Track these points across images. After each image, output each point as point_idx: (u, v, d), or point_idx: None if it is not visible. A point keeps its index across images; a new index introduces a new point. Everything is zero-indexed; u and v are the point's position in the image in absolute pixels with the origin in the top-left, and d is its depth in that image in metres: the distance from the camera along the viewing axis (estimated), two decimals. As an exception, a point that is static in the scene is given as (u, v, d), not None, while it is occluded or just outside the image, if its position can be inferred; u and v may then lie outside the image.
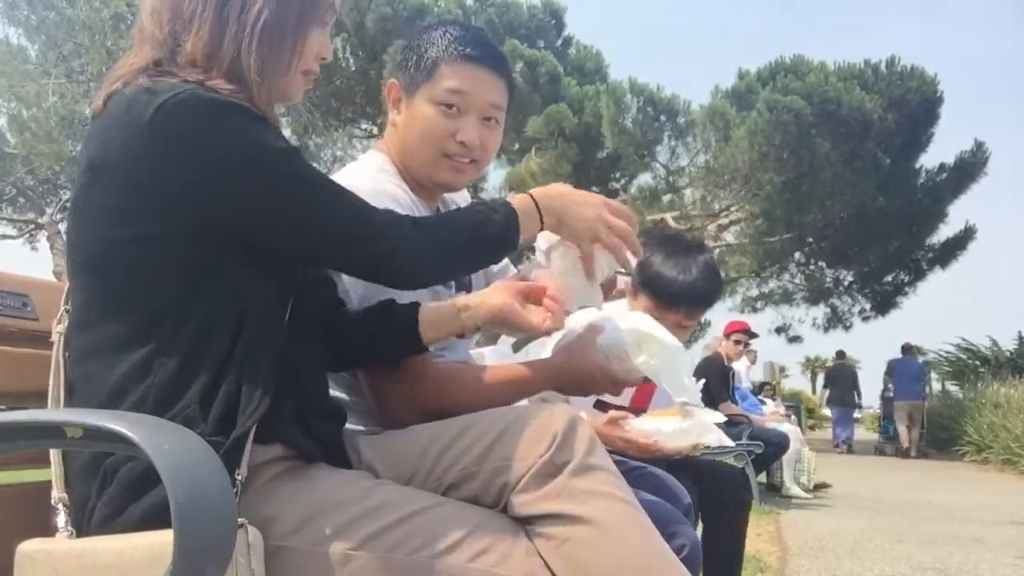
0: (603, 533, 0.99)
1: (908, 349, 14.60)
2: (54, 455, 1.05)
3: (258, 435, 1.01)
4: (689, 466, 2.35)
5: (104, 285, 1.05)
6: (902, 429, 14.05)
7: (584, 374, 1.38)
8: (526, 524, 1.03)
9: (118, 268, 1.04)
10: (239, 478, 0.96)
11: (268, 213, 1.03)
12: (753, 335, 7.43)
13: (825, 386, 16.75)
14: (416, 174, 1.51)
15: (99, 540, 0.94)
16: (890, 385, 14.50)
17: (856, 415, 17.74)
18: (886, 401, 15.00)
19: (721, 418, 2.21)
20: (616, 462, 1.10)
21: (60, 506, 1.02)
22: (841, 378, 15.45)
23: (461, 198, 1.72)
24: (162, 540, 0.86)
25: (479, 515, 1.03)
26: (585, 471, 1.03)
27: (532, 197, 1.30)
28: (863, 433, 18.02)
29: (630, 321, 1.50)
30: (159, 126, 0.98)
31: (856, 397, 15.74)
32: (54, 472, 1.04)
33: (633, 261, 1.40)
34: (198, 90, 1.01)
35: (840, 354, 16.50)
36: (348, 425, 1.23)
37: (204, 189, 1.00)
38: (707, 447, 2.14)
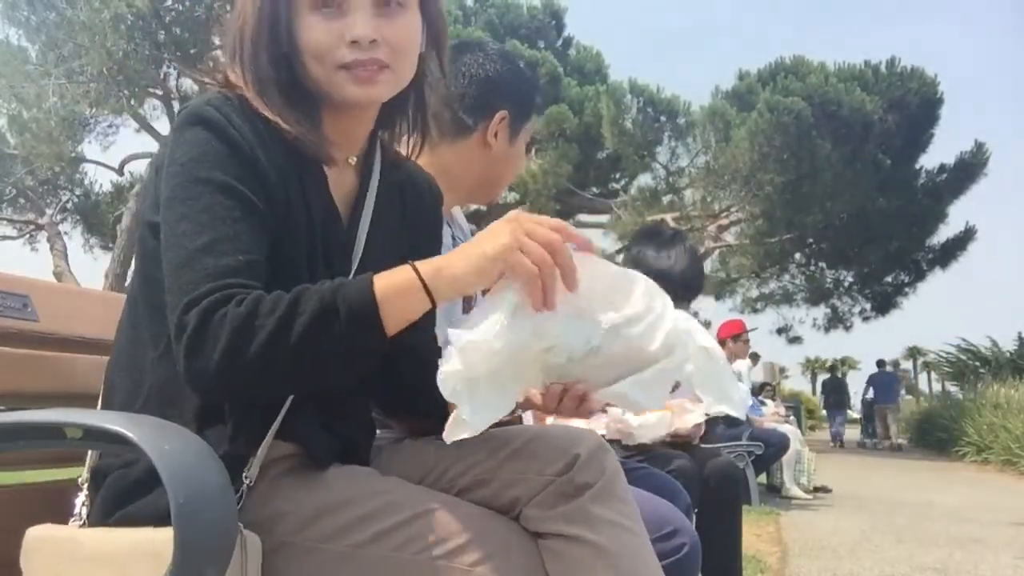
0: (611, 564, 0.99)
1: (882, 363, 18.14)
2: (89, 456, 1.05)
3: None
4: (692, 452, 2.39)
5: (138, 278, 1.08)
6: (880, 427, 17.36)
7: None
8: (538, 537, 1.03)
9: (146, 255, 1.05)
10: (247, 481, 0.97)
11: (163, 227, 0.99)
12: (752, 329, 7.46)
13: (823, 393, 20.65)
14: (480, 195, 1.71)
15: (104, 531, 0.95)
16: (871, 392, 17.83)
17: (855, 415, 22.34)
18: (866, 405, 18.49)
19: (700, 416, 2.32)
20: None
21: (85, 487, 1.03)
22: (835, 388, 19.34)
23: (462, 220, 1.78)
24: (162, 537, 0.86)
25: (489, 520, 1.02)
26: (605, 498, 1.02)
27: (418, 273, 0.93)
28: (855, 434, 19.78)
29: None
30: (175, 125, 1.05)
31: (848, 400, 20.06)
32: (89, 454, 1.05)
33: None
34: (206, 105, 1.02)
35: (832, 368, 22.02)
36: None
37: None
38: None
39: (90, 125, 14.78)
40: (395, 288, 0.92)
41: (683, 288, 2.27)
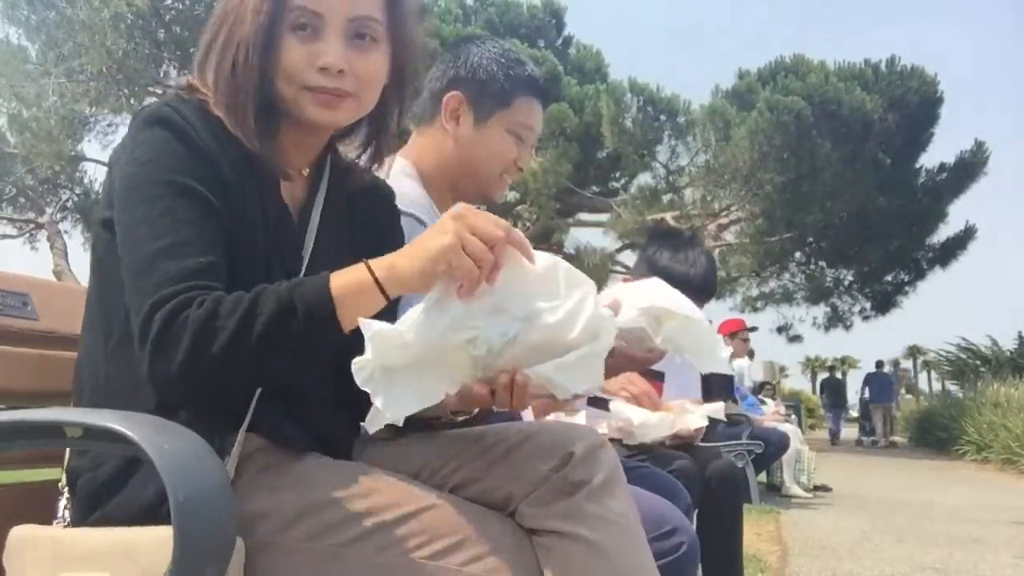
0: (606, 562, 0.99)
1: (880, 364, 20.01)
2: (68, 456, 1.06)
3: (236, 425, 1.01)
4: (694, 452, 2.39)
5: (92, 274, 1.09)
6: (878, 425, 18.70)
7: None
8: (532, 534, 1.03)
9: (99, 251, 1.07)
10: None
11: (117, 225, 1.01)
12: (752, 329, 7.44)
13: (821, 394, 22.63)
14: (465, 187, 1.64)
15: (85, 531, 0.95)
16: (867, 392, 19.29)
17: (853, 414, 24.44)
18: (863, 404, 20.03)
19: (703, 419, 2.33)
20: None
21: (65, 491, 1.03)
22: (832, 388, 21.09)
23: None
24: (142, 536, 0.87)
25: (482, 518, 1.02)
26: (601, 496, 1.02)
27: (371, 271, 0.96)
28: (853, 432, 20.83)
29: (645, 297, 1.42)
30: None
31: (845, 399, 22.28)
32: (67, 457, 1.05)
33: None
34: (165, 106, 1.04)
35: (831, 369, 24.89)
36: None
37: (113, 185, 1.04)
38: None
39: (90, 124, 14.76)
40: (350, 286, 0.95)
41: (700, 292, 2.26)
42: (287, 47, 1.06)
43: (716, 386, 6.22)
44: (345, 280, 0.95)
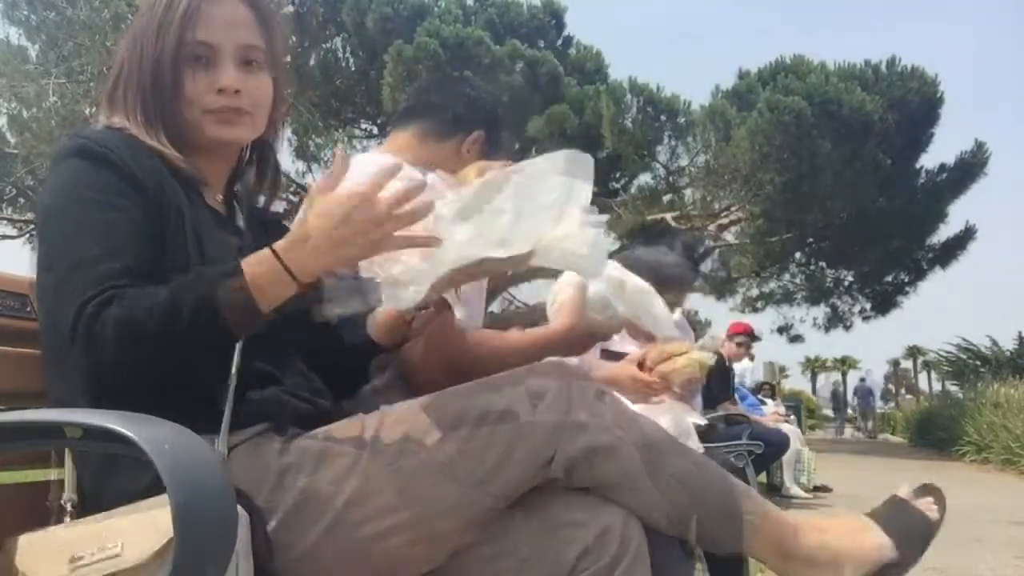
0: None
1: (864, 379, 27.49)
2: (68, 456, 1.06)
3: (244, 417, 1.04)
4: None
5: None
6: (863, 424, 25.05)
7: (585, 330, 1.65)
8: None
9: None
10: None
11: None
12: (756, 338, 7.37)
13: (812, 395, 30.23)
14: None
15: (90, 520, 0.95)
16: (856, 398, 25.57)
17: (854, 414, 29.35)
18: (853, 408, 26.42)
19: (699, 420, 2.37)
20: None
21: (68, 506, 1.04)
22: (834, 397, 27.85)
23: None
24: (150, 503, 0.88)
25: (508, 515, 1.03)
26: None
27: (275, 253, 1.00)
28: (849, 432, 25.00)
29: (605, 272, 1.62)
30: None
31: (845, 405, 29.17)
32: (67, 472, 1.05)
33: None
34: (77, 137, 1.13)
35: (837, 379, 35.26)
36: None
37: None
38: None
39: (90, 124, 14.76)
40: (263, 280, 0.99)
41: (675, 279, 2.35)
42: (187, 77, 1.18)
43: (715, 385, 6.22)
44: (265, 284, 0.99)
